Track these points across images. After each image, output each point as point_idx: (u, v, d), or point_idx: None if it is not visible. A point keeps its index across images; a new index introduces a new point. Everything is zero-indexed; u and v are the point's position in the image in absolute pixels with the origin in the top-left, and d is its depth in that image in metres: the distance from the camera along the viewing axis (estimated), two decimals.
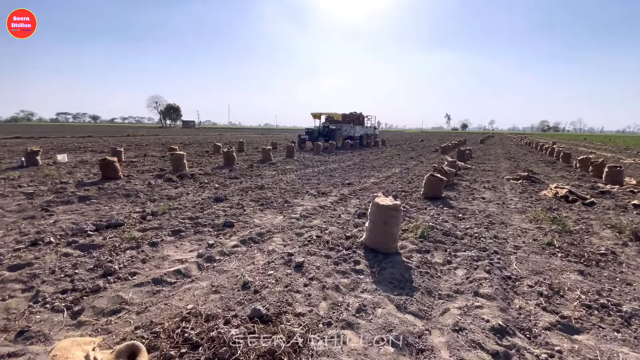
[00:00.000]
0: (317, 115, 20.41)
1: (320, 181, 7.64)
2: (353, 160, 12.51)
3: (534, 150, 20.99)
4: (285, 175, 8.50)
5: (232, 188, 6.59)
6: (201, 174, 8.22)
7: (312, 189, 6.63)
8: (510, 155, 16.04)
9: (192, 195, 5.88)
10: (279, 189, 6.54)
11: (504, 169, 10.88)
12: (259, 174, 8.40)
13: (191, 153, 14.02)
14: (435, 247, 3.61)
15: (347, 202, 5.64)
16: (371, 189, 6.88)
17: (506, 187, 7.45)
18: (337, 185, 7.13)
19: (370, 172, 9.32)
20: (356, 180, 7.93)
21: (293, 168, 9.81)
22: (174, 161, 8.54)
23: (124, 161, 10.57)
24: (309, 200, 5.69)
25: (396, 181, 7.87)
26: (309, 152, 15.65)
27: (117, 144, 18.56)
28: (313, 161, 11.92)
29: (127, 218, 4.39)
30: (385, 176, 8.62)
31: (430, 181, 5.93)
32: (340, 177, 8.36)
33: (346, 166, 10.70)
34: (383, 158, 13.77)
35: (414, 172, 9.48)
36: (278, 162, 11.32)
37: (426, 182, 6.00)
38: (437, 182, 5.92)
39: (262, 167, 9.81)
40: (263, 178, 7.93)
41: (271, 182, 7.36)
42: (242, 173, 8.52)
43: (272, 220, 4.43)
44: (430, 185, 5.94)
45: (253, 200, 5.54)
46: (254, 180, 7.53)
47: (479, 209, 5.34)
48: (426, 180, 6.00)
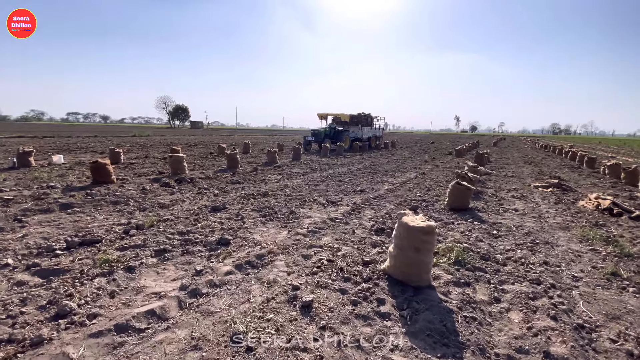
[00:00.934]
0: (324, 116, 19.63)
1: (329, 187, 6.98)
2: (363, 164, 11.81)
3: (551, 154, 20.00)
4: (291, 180, 7.85)
5: (232, 195, 5.96)
6: (201, 178, 7.63)
7: (321, 197, 5.97)
8: (529, 159, 15.15)
9: (188, 203, 5.27)
10: (284, 197, 5.90)
11: (527, 174, 10.07)
12: (263, 179, 7.78)
13: (195, 155, 13.49)
14: (476, 277, 2.91)
15: (361, 213, 4.96)
16: (386, 197, 6.19)
17: (536, 196, 6.68)
18: (348, 193, 6.46)
19: (383, 177, 8.62)
20: (368, 186, 7.24)
21: (299, 172, 9.16)
22: (172, 164, 7.97)
23: (122, 163, 10.08)
24: (318, 211, 5.03)
25: (413, 188, 7.16)
26: (315, 154, 15.00)
27: (121, 145, 18.20)
28: (321, 164, 11.27)
29: (107, 232, 3.79)
30: (400, 182, 7.91)
31: (456, 190, 5.22)
32: (350, 182, 7.68)
33: (356, 170, 10.02)
34: (395, 161, 13.04)
35: (431, 178, 8.75)
36: (284, 165, 10.69)
37: (451, 191, 5.29)
38: (464, 192, 5.21)
39: (267, 171, 9.19)
40: (267, 183, 7.30)
41: (276, 188, 6.72)
42: (245, 177, 7.91)
43: (275, 237, 3.78)
44: (456, 195, 5.22)
45: (255, 210, 4.90)
46: (257, 186, 6.91)
47: (514, 224, 4.61)
48: (451, 189, 5.29)
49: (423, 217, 2.77)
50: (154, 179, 7.32)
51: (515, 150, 23.44)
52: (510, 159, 15.70)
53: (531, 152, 21.81)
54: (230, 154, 9.41)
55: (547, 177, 9.21)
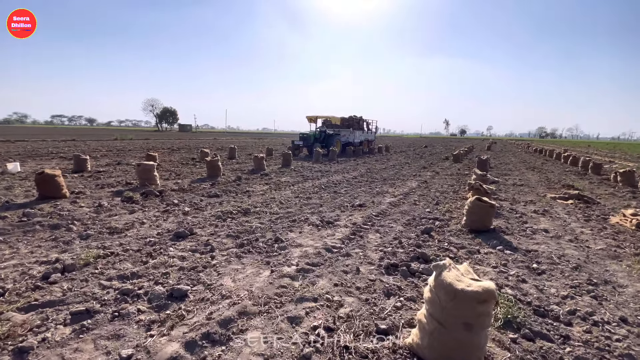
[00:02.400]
0: (313, 119, 18.43)
1: (323, 200, 6.02)
2: (358, 170, 10.90)
3: (549, 158, 19.51)
4: (280, 191, 6.86)
5: (206, 213, 4.94)
6: (174, 190, 6.57)
7: (314, 214, 5.01)
8: (530, 165, 14.51)
9: (148, 227, 4.23)
10: (269, 215, 4.91)
11: (536, 182, 9.32)
12: (247, 190, 6.76)
13: (174, 161, 12.36)
14: (544, 354, 1.98)
15: (364, 238, 4.01)
16: (390, 213, 5.26)
17: (559, 210, 5.86)
18: (346, 208, 5.51)
19: (383, 187, 7.71)
20: (368, 198, 6.31)
21: (289, 181, 8.18)
22: (140, 173, 6.89)
23: (88, 171, 8.92)
24: (310, 235, 4.06)
25: (419, 201, 6.25)
26: (306, 159, 14.04)
27: (97, 149, 16.88)
28: (313, 171, 10.30)
29: (21, 276, 2.74)
30: (402, 193, 7.00)
31: (476, 208, 4.33)
32: (347, 194, 6.73)
33: (352, 178, 9.09)
34: (392, 167, 12.18)
35: (435, 188, 7.87)
36: (272, 172, 9.69)
37: (471, 209, 4.39)
38: (486, 210, 4.32)
39: (252, 180, 8.18)
40: (251, 196, 6.29)
41: (261, 202, 5.73)
42: (225, 188, 6.88)
43: (253, 281, 2.79)
44: (477, 214, 4.33)
45: (230, 236, 3.90)
46: (238, 200, 5.89)
47: (553, 252, 3.73)
48: (470, 206, 4.40)
49: (468, 267, 1.83)
50: (117, 192, 6.23)
51: (511, 154, 22.96)
52: (510, 164, 15.04)
53: (527, 156, 21.33)
54: (210, 161, 8.37)
55: (559, 186, 8.47)
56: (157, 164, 10.39)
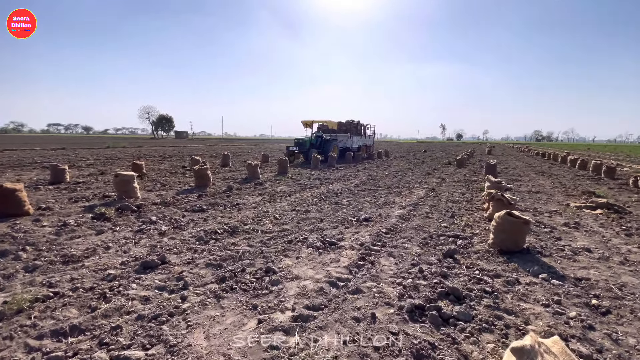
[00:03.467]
0: (309, 124, 17.45)
1: (323, 214, 5.31)
2: (360, 178, 10.22)
3: (554, 162, 18.94)
4: (274, 203, 6.15)
5: (186, 233, 4.22)
6: (155, 204, 5.85)
7: (314, 232, 4.30)
8: (538, 170, 13.89)
9: (112, 253, 3.50)
10: (260, 234, 4.19)
11: (550, 188, 8.67)
12: (237, 203, 6.04)
13: (163, 169, 11.63)
14: None
15: (376, 265, 3.30)
16: (402, 229, 4.55)
17: (590, 222, 5.18)
18: (350, 223, 4.80)
19: (388, 196, 7.02)
20: (374, 210, 5.61)
21: (285, 190, 7.47)
22: (118, 185, 6.16)
23: (67, 182, 8.18)
24: (309, 261, 3.34)
25: (431, 213, 5.55)
26: (303, 166, 13.35)
27: (84, 158, 16.12)
28: (311, 179, 9.61)
29: None
30: (411, 203, 6.31)
31: (507, 224, 3.63)
32: (350, 205, 6.03)
33: (353, 186, 8.40)
34: (394, 174, 11.51)
35: (446, 196, 7.19)
36: (267, 180, 8.98)
37: (500, 226, 3.70)
38: (519, 227, 3.62)
39: (245, 190, 7.47)
40: (241, 210, 5.57)
41: (252, 217, 5.01)
42: (213, 201, 6.16)
43: (232, 338, 2.07)
44: (508, 232, 3.63)
45: (211, 266, 3.18)
46: (226, 215, 5.17)
47: (607, 279, 3.04)
48: (499, 222, 3.70)
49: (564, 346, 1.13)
50: (90, 207, 5.50)
51: (514, 158, 22.39)
52: (516, 168, 14.42)
53: (531, 160, 20.77)
54: (198, 170, 7.65)
55: (578, 193, 7.82)
56: (143, 174, 9.67)
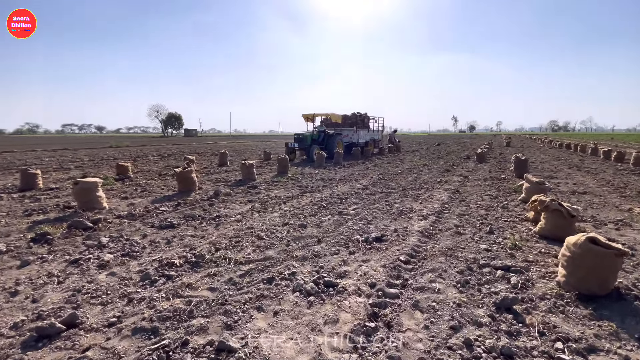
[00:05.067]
0: (310, 117, 15.77)
1: (323, 230, 4.15)
2: (369, 177, 9.00)
3: (583, 154, 17.24)
4: (264, 214, 5.02)
5: (134, 265, 3.13)
6: (120, 217, 4.81)
7: (306, 262, 3.15)
8: (571, 164, 12.35)
9: (14, 304, 2.44)
10: (231, 267, 3.06)
11: (596, 187, 7.29)
12: (219, 215, 4.93)
13: (153, 171, 10.65)
14: None
15: (395, 330, 2.12)
16: (426, 254, 3.36)
17: None
18: (356, 245, 3.62)
19: (404, 202, 5.81)
20: (387, 222, 4.43)
21: (281, 195, 6.34)
22: (78, 194, 5.14)
23: (40, 188, 7.27)
24: (292, 323, 2.20)
25: (462, 226, 4.32)
26: (306, 164, 12.18)
27: (78, 159, 15.36)
28: (313, 180, 8.45)
29: None
30: (433, 211, 5.08)
31: (590, 257, 2.41)
32: (357, 215, 4.85)
33: (362, 188, 7.20)
34: (408, 172, 10.23)
35: (474, 200, 5.93)
36: (263, 182, 7.87)
37: (578, 258, 2.47)
38: (610, 262, 2.39)
39: (234, 195, 6.37)
40: (220, 225, 4.46)
41: (230, 237, 3.90)
42: (191, 212, 5.07)
43: None
44: (593, 268, 2.41)
45: (140, 332, 2.07)
46: (198, 234, 4.07)
47: None
48: (578, 251, 2.47)
49: None
50: (40, 222, 4.50)
51: (537, 150, 20.68)
52: (545, 162, 12.92)
53: (557, 152, 19.06)
54: (181, 172, 6.57)
55: (635, 193, 6.43)
56: (127, 177, 8.69)
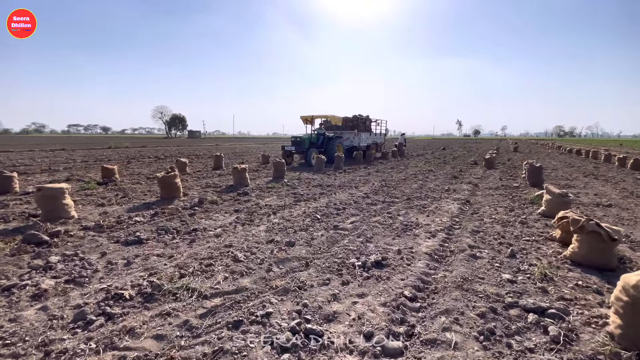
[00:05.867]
0: (309, 119, 15.05)
1: (313, 251, 3.53)
2: (371, 184, 8.38)
3: (595, 161, 16.48)
4: (249, 227, 4.42)
5: (74, 297, 2.53)
6: (85, 229, 4.23)
7: (287, 297, 2.54)
8: (586, 171, 11.63)
9: None
10: (193, 303, 2.45)
11: (621, 199, 6.61)
12: (197, 228, 4.33)
13: (142, 174, 10.10)
14: None
15: None
16: (439, 289, 2.72)
17: None
18: (352, 273, 3.00)
19: (409, 214, 5.18)
20: (389, 241, 3.81)
21: (272, 204, 5.74)
22: (41, 202, 4.57)
23: (16, 192, 6.74)
24: None
25: (478, 247, 3.68)
26: (303, 169, 11.58)
27: (71, 161, 14.90)
28: (310, 186, 7.85)
29: None
30: (442, 227, 4.44)
31: None
32: (355, 231, 4.23)
33: (362, 197, 6.58)
34: (413, 178, 9.59)
35: (489, 214, 5.28)
36: (256, 189, 7.28)
37: (633, 307, 1.84)
38: None
39: (221, 204, 5.78)
40: (195, 241, 3.85)
41: (202, 257, 3.29)
42: (166, 224, 4.48)
43: None
44: None
45: None
46: (167, 253, 3.47)
47: None
48: (636, 297, 1.84)
49: None
50: None
51: (547, 157, 19.92)
52: (557, 169, 12.21)
53: (567, 159, 18.30)
54: (163, 178, 5.99)
55: None
56: (111, 180, 8.14)
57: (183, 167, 10.32)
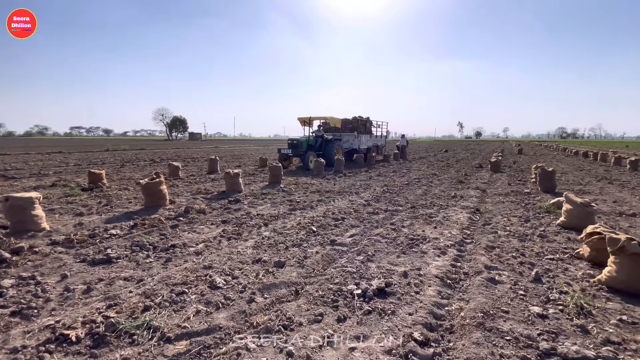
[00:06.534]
0: (307, 121, 14.32)
1: (305, 273, 3.05)
2: (372, 189, 7.91)
3: (605, 164, 15.94)
4: (236, 241, 3.95)
5: (16, 333, 2.05)
6: (53, 244, 3.78)
7: (269, 337, 2.06)
8: (598, 175, 11.11)
9: None
10: (153, 346, 1.98)
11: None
12: (176, 243, 3.87)
13: (134, 178, 9.66)
14: None
15: None
16: (456, 325, 2.25)
17: None
18: (349, 305, 2.52)
19: (414, 225, 4.71)
20: (393, 259, 3.34)
21: (264, 214, 5.27)
22: (8, 214, 4.13)
23: None
24: None
25: (496, 268, 3.19)
26: (301, 173, 11.12)
27: (62, 164, 14.51)
28: (308, 192, 7.39)
29: None
30: (452, 241, 3.96)
31: None
32: (355, 247, 3.76)
33: (363, 204, 6.11)
34: (416, 182, 9.11)
35: (502, 225, 4.79)
36: (249, 195, 6.82)
37: None
38: None
39: (208, 213, 5.32)
40: (173, 259, 3.39)
41: (176, 280, 2.82)
42: (142, 239, 4.01)
43: None
44: None
45: None
46: (136, 276, 3.00)
47: None
48: None
49: None
50: None
51: (553, 159, 19.39)
52: (567, 173, 11.70)
53: (575, 161, 17.76)
54: (146, 185, 5.53)
55: None
56: (97, 186, 7.70)
57: (176, 172, 9.89)
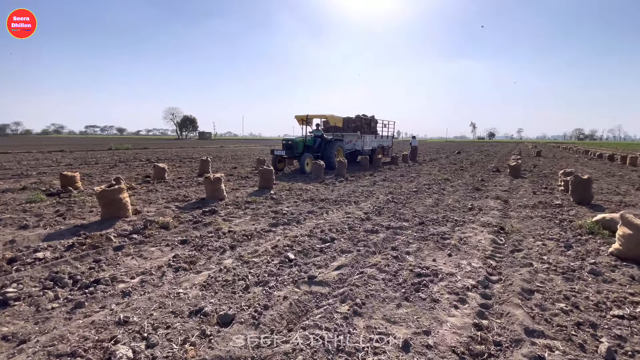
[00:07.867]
0: (305, 119, 12.51)
1: (257, 338, 2.08)
2: (375, 197, 6.88)
3: (636, 169, 14.47)
4: (185, 274, 3.01)
5: None
6: None
7: None
8: (633, 181, 9.80)
9: None
10: None
11: None
12: (99, 279, 2.93)
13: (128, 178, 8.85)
14: None
15: None
16: None
17: None
18: None
19: (421, 252, 3.69)
20: (390, 313, 2.35)
21: (236, 231, 4.32)
22: None
23: None
24: None
25: (540, 332, 2.17)
26: (302, 177, 10.14)
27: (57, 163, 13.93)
28: (299, 200, 6.42)
29: None
30: (473, 282, 2.93)
31: None
32: (339, 288, 2.76)
33: (362, 219, 5.11)
34: (426, 189, 8.04)
35: (535, 251, 3.72)
36: (230, 204, 5.90)
37: None
38: None
39: (172, 229, 4.40)
40: (87, 304, 2.46)
41: (70, 347, 1.90)
42: (62, 270, 3.11)
43: None
44: None
45: None
46: (20, 334, 2.07)
47: None
48: None
49: None
50: None
51: (575, 162, 17.91)
52: (599, 180, 10.39)
53: (601, 165, 16.29)
54: (102, 192, 4.64)
55: None
56: (67, 190, 6.90)
57: (161, 174, 9.06)
